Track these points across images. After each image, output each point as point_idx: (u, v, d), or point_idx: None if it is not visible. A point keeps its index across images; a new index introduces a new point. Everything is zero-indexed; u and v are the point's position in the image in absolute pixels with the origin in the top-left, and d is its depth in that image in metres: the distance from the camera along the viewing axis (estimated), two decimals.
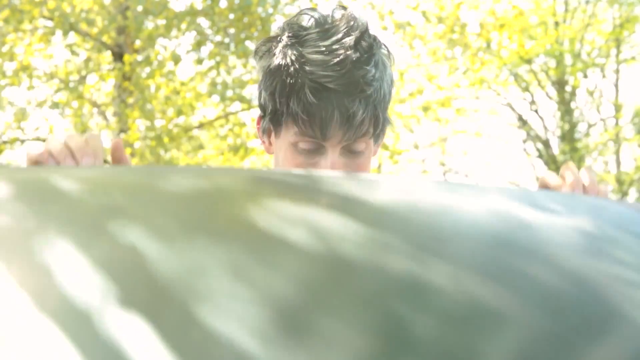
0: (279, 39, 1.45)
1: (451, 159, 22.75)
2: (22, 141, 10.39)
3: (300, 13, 1.48)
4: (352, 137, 1.41)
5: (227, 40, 10.05)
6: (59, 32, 10.19)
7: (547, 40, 12.91)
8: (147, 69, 9.83)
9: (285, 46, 1.42)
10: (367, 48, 1.42)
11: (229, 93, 9.97)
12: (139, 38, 9.94)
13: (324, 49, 1.39)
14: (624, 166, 20.11)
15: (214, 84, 9.98)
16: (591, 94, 19.88)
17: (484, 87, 15.85)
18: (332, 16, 1.45)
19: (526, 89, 19.95)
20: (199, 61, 10.06)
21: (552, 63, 19.19)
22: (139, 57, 9.89)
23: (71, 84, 10.15)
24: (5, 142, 10.05)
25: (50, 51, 10.46)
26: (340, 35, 1.41)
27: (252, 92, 10.23)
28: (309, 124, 1.39)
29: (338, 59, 1.38)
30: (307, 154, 1.43)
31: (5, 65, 9.88)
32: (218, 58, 9.96)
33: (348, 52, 1.38)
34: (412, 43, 11.51)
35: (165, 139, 9.63)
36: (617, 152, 20.06)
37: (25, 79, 10.03)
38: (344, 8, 1.46)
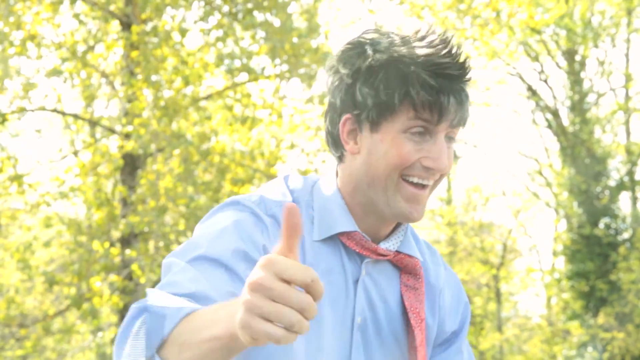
0: (364, 45, 1.54)
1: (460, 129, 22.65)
2: (32, 111, 10.40)
3: (366, 31, 1.58)
4: (459, 122, 1.54)
5: (235, 10, 10.00)
6: (66, 1, 10.16)
7: (558, 10, 12.79)
8: (155, 39, 9.80)
9: (387, 45, 1.52)
10: (460, 51, 1.54)
11: (237, 63, 9.95)
12: (147, 8, 9.90)
13: (429, 43, 1.51)
14: (634, 136, 20.06)
15: (220, 56, 9.96)
16: (601, 63, 19.76)
17: (493, 57, 15.76)
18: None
19: (536, 59, 19.84)
20: (206, 32, 10.03)
21: (562, 32, 19.06)
22: (147, 27, 9.86)
23: (79, 54, 10.13)
24: (13, 112, 10.05)
25: (58, 20, 10.43)
26: (436, 36, 1.53)
27: (259, 63, 10.21)
28: (429, 108, 1.49)
29: (449, 49, 1.51)
30: (416, 140, 1.52)
31: (13, 34, 9.85)
32: (225, 28, 9.93)
33: (453, 47, 1.52)
34: (420, 13, 11.44)
35: (173, 109, 9.62)
36: (626, 123, 19.97)
37: (34, 48, 10.01)
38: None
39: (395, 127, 1.51)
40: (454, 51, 1.51)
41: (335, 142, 1.61)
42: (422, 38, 1.53)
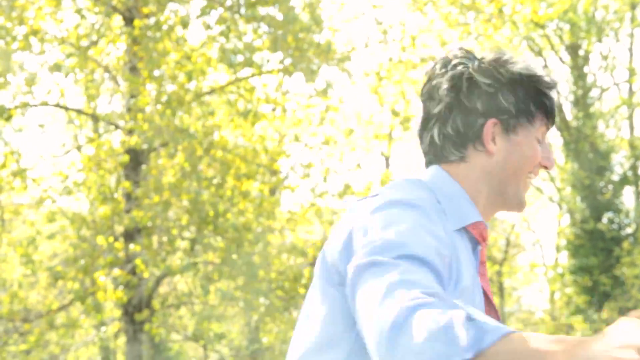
0: (503, 60, 1.82)
1: None
2: (35, 106, 10.40)
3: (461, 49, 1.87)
4: None
5: (237, 5, 9.99)
6: None
7: (562, 4, 12.76)
8: (157, 34, 9.79)
9: (516, 61, 1.82)
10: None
11: (240, 58, 9.93)
12: (149, 2, 9.89)
13: (529, 64, 1.83)
14: (637, 131, 20.02)
15: (223, 50, 9.94)
16: (605, 58, 19.73)
17: None
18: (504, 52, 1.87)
19: (539, 54, 19.81)
20: (208, 26, 10.02)
21: (566, 27, 19.02)
22: (150, 21, 9.85)
23: (82, 49, 10.13)
24: (16, 107, 10.06)
25: (60, 15, 10.42)
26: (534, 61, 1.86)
27: (262, 57, 10.18)
28: (553, 116, 1.84)
29: (552, 74, 1.85)
30: (540, 143, 1.83)
31: (16, 30, 9.85)
32: (228, 22, 9.92)
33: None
34: (423, 8, 11.42)
35: (175, 104, 9.62)
36: (630, 117, 19.94)
37: (36, 43, 10.01)
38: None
39: (531, 130, 1.82)
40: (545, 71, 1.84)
41: (463, 143, 1.81)
42: (518, 59, 1.83)
